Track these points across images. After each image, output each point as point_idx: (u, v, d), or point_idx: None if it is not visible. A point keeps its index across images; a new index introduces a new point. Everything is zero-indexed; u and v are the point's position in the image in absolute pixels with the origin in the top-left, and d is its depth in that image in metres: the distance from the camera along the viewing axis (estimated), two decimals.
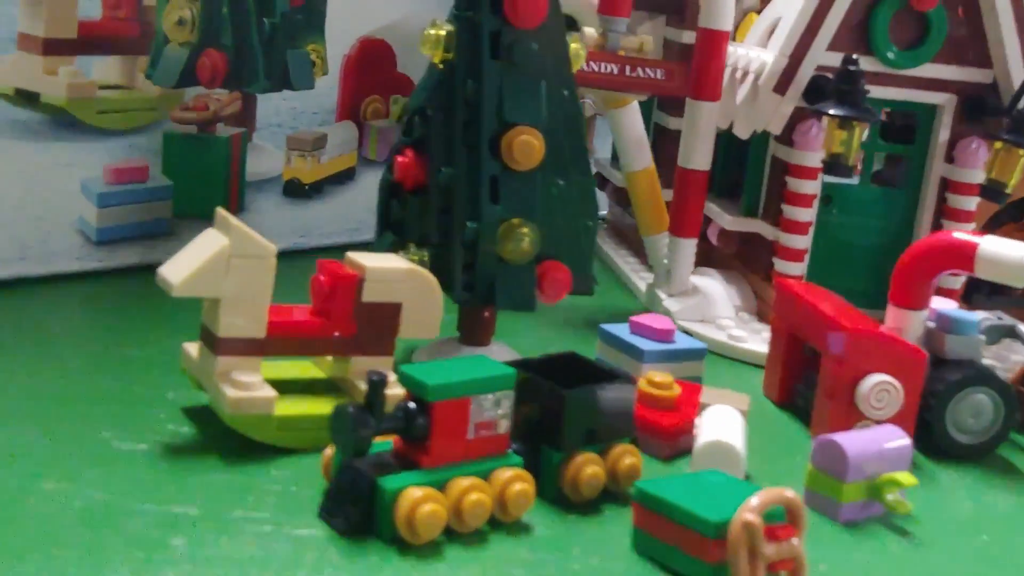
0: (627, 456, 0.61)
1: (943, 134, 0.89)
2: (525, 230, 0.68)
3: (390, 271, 0.64)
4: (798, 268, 0.89)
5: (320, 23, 0.91)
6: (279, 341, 0.63)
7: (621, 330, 0.78)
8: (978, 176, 0.88)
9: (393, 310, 0.65)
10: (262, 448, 0.62)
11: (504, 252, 0.69)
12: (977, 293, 0.97)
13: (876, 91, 0.87)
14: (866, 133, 0.83)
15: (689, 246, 0.90)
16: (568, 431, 0.60)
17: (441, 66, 0.69)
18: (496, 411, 0.58)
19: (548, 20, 0.68)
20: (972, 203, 0.89)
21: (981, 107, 0.87)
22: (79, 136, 0.81)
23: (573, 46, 0.71)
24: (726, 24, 0.86)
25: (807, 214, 0.87)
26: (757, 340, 0.86)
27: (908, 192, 0.91)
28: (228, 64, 0.86)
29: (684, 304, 0.88)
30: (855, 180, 0.89)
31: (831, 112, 0.82)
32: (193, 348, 0.65)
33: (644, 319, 0.78)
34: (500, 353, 0.74)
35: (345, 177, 0.96)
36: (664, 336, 0.77)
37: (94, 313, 0.81)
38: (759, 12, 0.94)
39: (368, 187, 0.98)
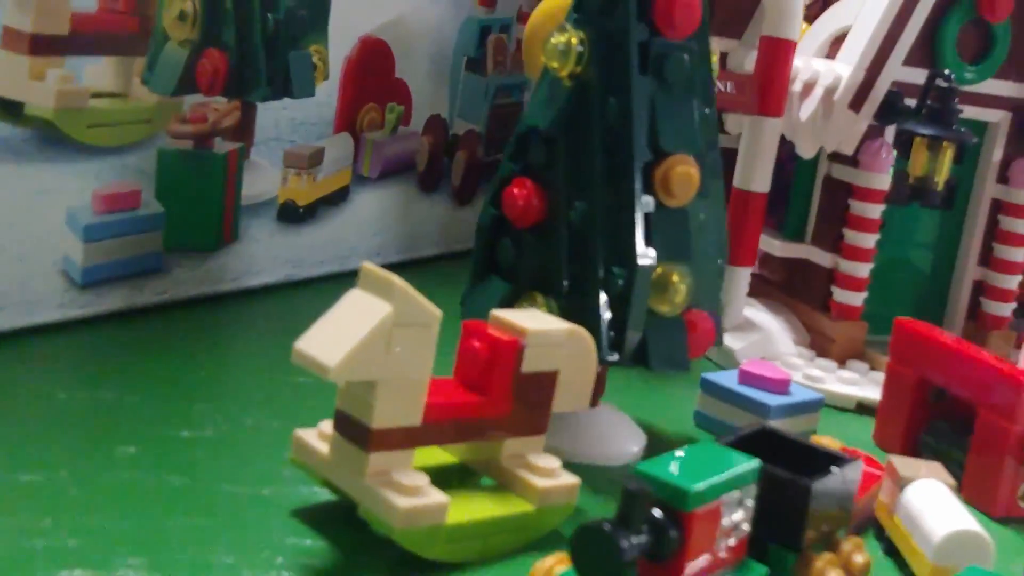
0: (857, 552, 0.51)
1: (996, 153, 0.82)
2: (678, 277, 0.57)
3: (551, 334, 0.51)
4: (860, 298, 0.81)
5: (324, 20, 0.77)
6: (436, 428, 0.49)
7: (728, 380, 0.68)
8: None
9: (550, 380, 0.52)
10: (414, 563, 0.48)
11: (658, 304, 0.57)
12: None
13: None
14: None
15: (745, 275, 0.80)
16: (810, 527, 0.49)
17: (569, 82, 0.56)
18: (739, 512, 0.46)
19: (699, 29, 0.57)
20: None
21: None
22: (66, 155, 0.64)
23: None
24: (794, 33, 0.76)
25: (871, 239, 0.79)
26: (834, 380, 0.77)
27: (956, 214, 0.84)
28: (229, 68, 0.70)
29: (746, 341, 0.79)
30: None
31: (923, 132, 0.74)
32: (311, 436, 0.50)
33: (754, 367, 0.68)
34: (615, 417, 0.63)
35: (339, 197, 0.82)
36: (781, 387, 0.68)
37: (84, 376, 0.63)
38: (810, 21, 0.85)
39: (361, 208, 0.84)
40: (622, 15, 0.56)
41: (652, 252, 0.56)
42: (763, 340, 0.80)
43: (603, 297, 0.57)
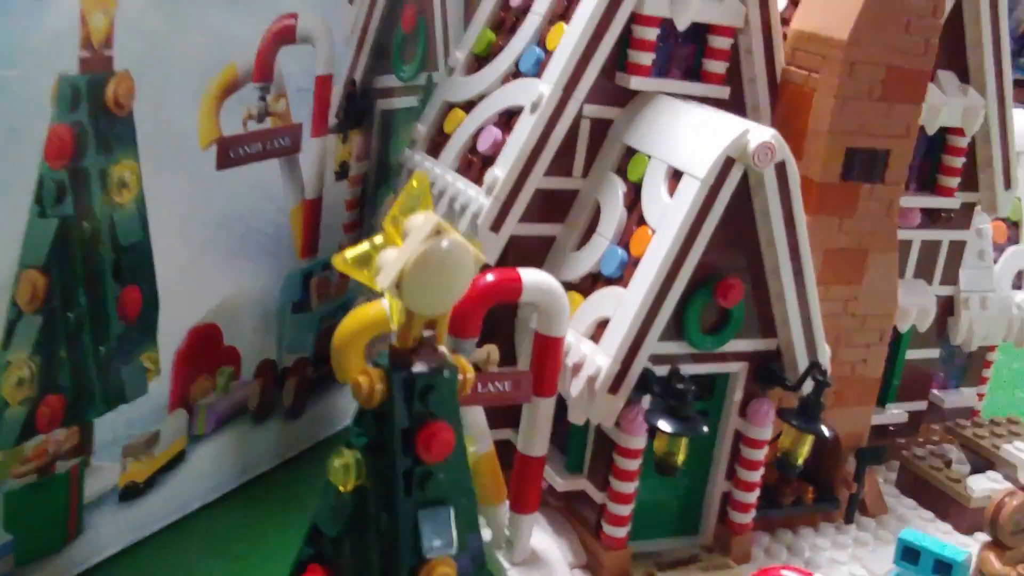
0: None
1: (737, 394, 0.94)
2: None
3: None
4: (624, 531, 0.92)
5: (153, 330, 0.84)
6: None
7: None
8: (766, 433, 0.94)
9: None
10: None
11: None
12: None
13: (688, 368, 0.91)
14: None
15: (529, 520, 0.90)
16: None
17: (351, 493, 0.66)
18: None
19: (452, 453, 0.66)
20: (760, 454, 0.95)
21: (769, 374, 0.93)
22: None
23: (468, 375, 0.69)
24: (563, 331, 0.86)
25: (632, 486, 0.90)
26: None
27: (709, 439, 0.96)
28: (66, 404, 0.78)
29: (527, 574, 0.90)
30: None
31: (663, 428, 0.84)
32: None
33: None
34: None
35: (176, 462, 0.90)
36: None
37: None
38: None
39: (198, 461, 0.92)
40: (389, 448, 0.65)
41: None
42: (543, 572, 0.91)
43: None
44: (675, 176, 0.86)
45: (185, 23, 0.79)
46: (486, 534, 0.93)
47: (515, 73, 0.95)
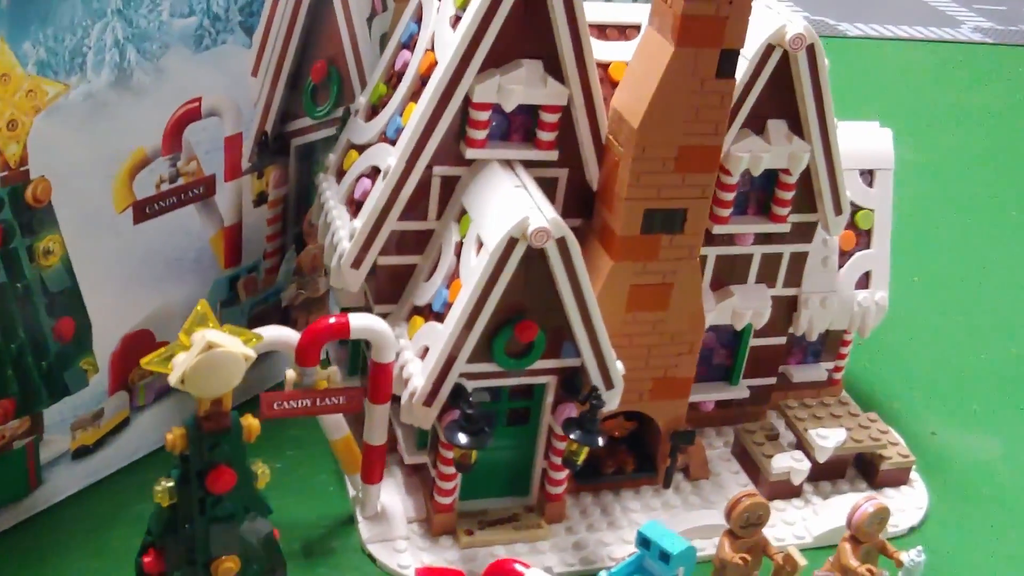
0: None
1: (549, 398, 1.15)
2: None
3: None
4: (449, 499, 1.16)
5: (88, 344, 1.10)
6: None
7: None
8: None
9: None
10: None
11: None
12: None
13: (501, 381, 1.12)
14: None
15: (375, 488, 1.16)
16: None
17: (168, 508, 0.92)
18: None
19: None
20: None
21: (570, 386, 1.14)
22: None
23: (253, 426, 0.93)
24: (389, 358, 1.08)
25: (451, 469, 1.13)
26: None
27: (533, 427, 1.18)
28: (16, 405, 1.06)
29: (371, 531, 1.16)
30: None
31: (459, 441, 1.07)
32: None
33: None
34: None
35: (122, 426, 1.18)
36: None
37: None
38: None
39: (142, 423, 1.20)
40: (189, 482, 0.90)
41: None
42: (385, 527, 1.17)
43: None
44: (480, 242, 1.06)
45: (93, 129, 1.01)
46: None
47: (383, 135, 1.15)
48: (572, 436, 1.10)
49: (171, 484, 0.91)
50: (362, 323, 1.06)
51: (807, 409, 1.32)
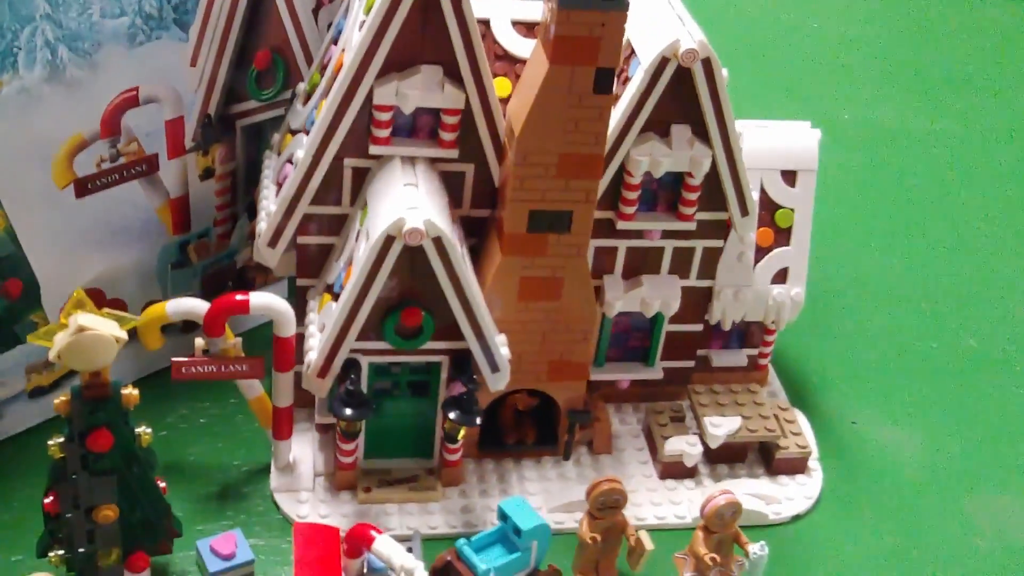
0: None
1: (443, 375, 1.24)
2: None
3: None
4: (350, 458, 1.27)
5: (37, 300, 1.23)
6: None
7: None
8: None
9: None
10: None
11: None
12: None
13: (396, 358, 1.21)
14: None
15: (284, 444, 1.27)
16: None
17: (59, 460, 1.05)
18: None
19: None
20: None
21: (460, 366, 1.22)
22: None
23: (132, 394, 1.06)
24: (289, 333, 1.19)
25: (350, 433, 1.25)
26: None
27: (432, 400, 1.27)
28: None
29: (280, 481, 1.28)
30: None
31: (341, 414, 1.17)
32: None
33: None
34: None
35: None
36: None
37: None
38: None
39: None
40: (73, 440, 1.03)
41: None
42: (292, 477, 1.28)
43: None
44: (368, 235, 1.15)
45: (29, 118, 1.12)
46: None
47: (304, 125, 1.24)
48: (449, 416, 1.19)
49: (60, 440, 1.04)
50: (261, 301, 1.17)
51: (712, 395, 1.37)
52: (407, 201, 1.13)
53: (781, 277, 1.38)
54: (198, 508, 1.25)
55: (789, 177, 1.36)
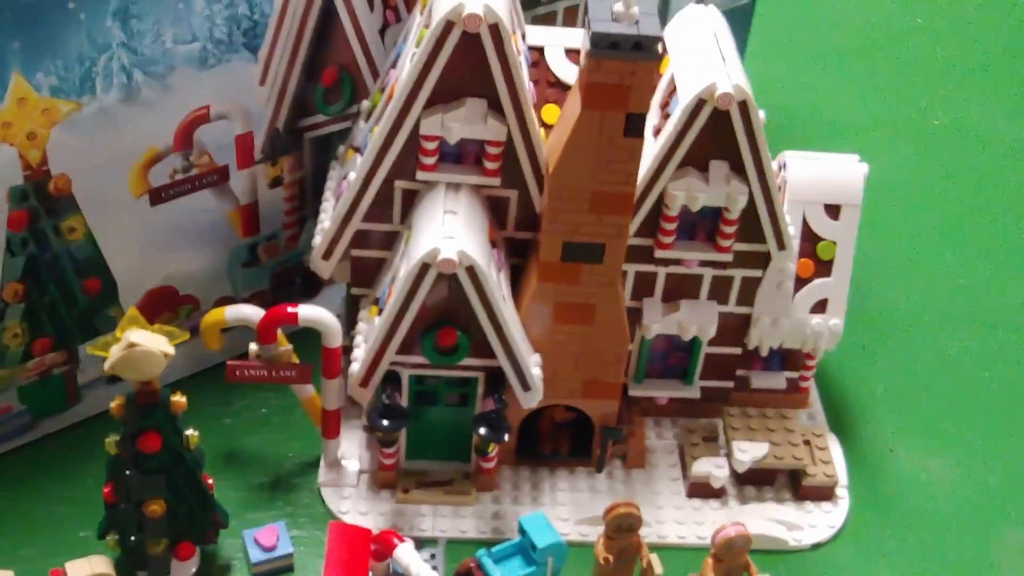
0: None
1: (480, 390, 1.29)
2: None
3: None
4: (392, 460, 1.34)
5: (114, 297, 1.33)
6: None
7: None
8: None
9: None
10: None
11: None
12: None
13: (435, 372, 1.27)
14: None
15: (333, 443, 1.35)
16: None
17: (114, 456, 1.15)
18: None
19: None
20: None
21: (495, 383, 1.27)
22: None
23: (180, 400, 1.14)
24: (336, 344, 1.26)
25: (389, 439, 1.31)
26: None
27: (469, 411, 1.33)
28: (52, 342, 1.31)
29: (327, 476, 1.36)
30: None
31: (377, 425, 1.24)
32: None
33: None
34: None
35: None
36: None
37: None
38: None
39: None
40: (126, 441, 1.12)
41: None
42: (340, 474, 1.36)
43: None
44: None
45: (106, 135, 1.21)
46: None
47: (361, 145, 1.30)
48: (478, 431, 1.25)
49: (116, 439, 1.13)
50: (309, 314, 1.24)
51: (745, 419, 1.39)
52: (445, 229, 1.18)
53: (820, 307, 1.39)
54: (251, 497, 1.34)
55: (833, 211, 1.37)
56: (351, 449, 1.38)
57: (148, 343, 1.07)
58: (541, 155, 1.23)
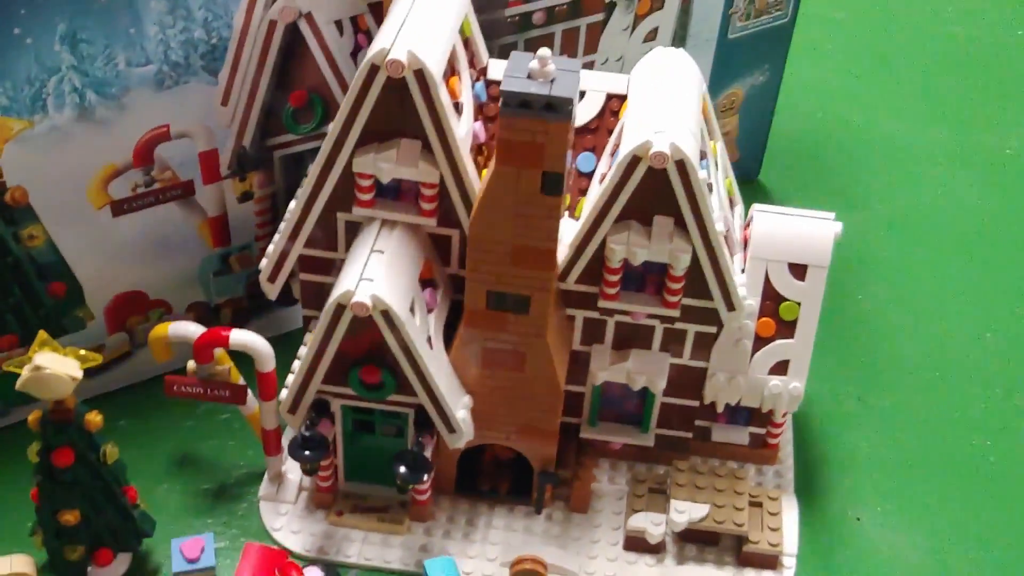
0: None
1: (411, 427, 1.28)
2: None
3: None
4: (328, 483, 1.34)
5: (80, 298, 1.37)
6: None
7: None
8: None
9: None
10: None
11: None
12: None
13: (365, 404, 1.26)
14: None
15: (274, 460, 1.36)
16: None
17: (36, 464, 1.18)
18: None
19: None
20: None
21: (423, 421, 1.26)
22: None
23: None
24: (268, 368, 1.26)
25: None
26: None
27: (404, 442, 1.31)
28: (19, 338, 1.36)
29: (267, 490, 1.37)
30: None
31: (295, 456, 1.24)
32: None
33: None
34: None
35: (125, 356, 1.46)
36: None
37: None
38: None
39: (143, 358, 1.47)
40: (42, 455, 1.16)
41: None
42: (280, 491, 1.37)
43: None
44: None
45: (61, 152, 1.24)
46: None
47: None
48: (397, 470, 1.24)
49: (36, 449, 1.17)
50: (241, 339, 1.25)
51: (693, 476, 1.34)
52: (366, 271, 1.16)
53: (781, 369, 1.31)
54: (194, 503, 1.37)
55: (798, 270, 1.28)
56: (295, 465, 1.39)
57: (55, 367, 1.10)
58: (474, 198, 1.20)
